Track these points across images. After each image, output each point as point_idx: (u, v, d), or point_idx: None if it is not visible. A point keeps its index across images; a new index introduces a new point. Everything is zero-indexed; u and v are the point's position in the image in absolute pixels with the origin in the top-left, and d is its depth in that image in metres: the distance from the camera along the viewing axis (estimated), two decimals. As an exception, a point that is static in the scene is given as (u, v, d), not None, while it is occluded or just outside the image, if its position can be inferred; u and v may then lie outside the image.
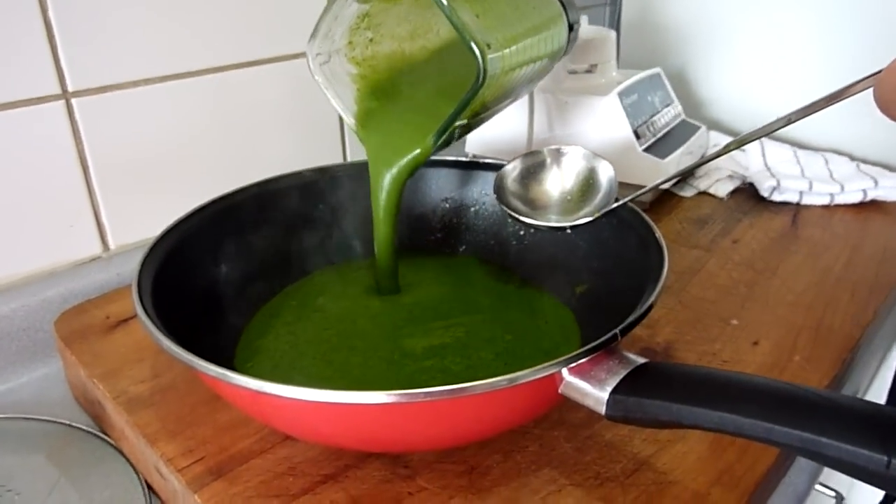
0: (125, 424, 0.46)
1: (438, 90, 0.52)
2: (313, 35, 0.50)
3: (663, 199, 0.78)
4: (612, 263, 0.52)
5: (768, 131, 0.43)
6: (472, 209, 0.63)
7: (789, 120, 0.42)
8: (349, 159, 0.78)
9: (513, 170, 0.55)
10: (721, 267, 0.64)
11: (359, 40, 0.52)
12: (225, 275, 0.52)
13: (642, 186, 0.70)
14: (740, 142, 0.46)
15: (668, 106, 0.80)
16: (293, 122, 0.72)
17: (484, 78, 0.43)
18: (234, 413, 0.45)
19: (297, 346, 0.49)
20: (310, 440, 0.42)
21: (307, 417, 0.36)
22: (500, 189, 0.54)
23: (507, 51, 0.46)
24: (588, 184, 0.53)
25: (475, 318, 0.51)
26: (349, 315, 0.52)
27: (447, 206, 0.63)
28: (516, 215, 0.52)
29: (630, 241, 0.50)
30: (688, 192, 0.80)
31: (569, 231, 0.52)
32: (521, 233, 0.60)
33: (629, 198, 0.51)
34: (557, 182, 0.54)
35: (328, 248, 0.59)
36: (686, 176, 0.81)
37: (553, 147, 0.54)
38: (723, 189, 0.78)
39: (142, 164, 0.62)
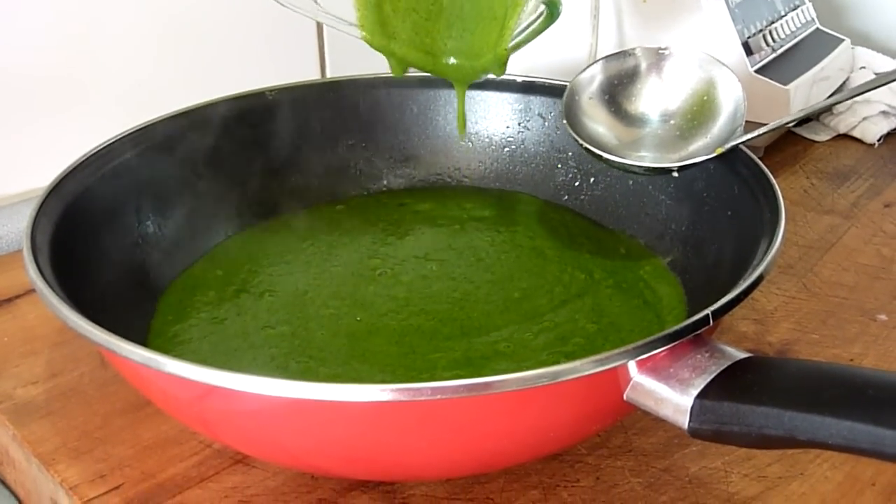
0: (10, 441, 0.48)
1: None
2: None
3: (784, 144, 0.78)
4: (709, 228, 0.53)
5: None
6: (507, 149, 0.64)
7: None
8: (329, 75, 0.80)
9: (590, 80, 0.55)
10: (866, 241, 0.65)
11: None
12: (152, 234, 0.54)
13: (755, 124, 0.72)
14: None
15: (795, 9, 0.81)
16: (252, 22, 0.73)
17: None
18: (163, 427, 0.47)
19: (234, 340, 0.50)
20: (271, 461, 0.44)
21: (270, 426, 0.38)
22: (571, 108, 0.54)
23: None
24: (703, 104, 0.53)
25: (539, 304, 0.52)
26: (323, 294, 0.54)
27: (470, 144, 0.65)
28: (596, 150, 0.53)
29: (734, 196, 0.51)
30: (821, 135, 0.81)
31: (675, 174, 0.52)
32: (577, 182, 0.62)
33: (759, 131, 0.50)
34: (657, 100, 0.54)
35: (297, 189, 0.62)
36: (819, 112, 0.82)
37: (651, 47, 0.54)
38: (872, 131, 0.79)
39: (29, 79, 0.64)
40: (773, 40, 0.76)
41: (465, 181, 0.65)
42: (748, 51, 0.72)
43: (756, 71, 0.72)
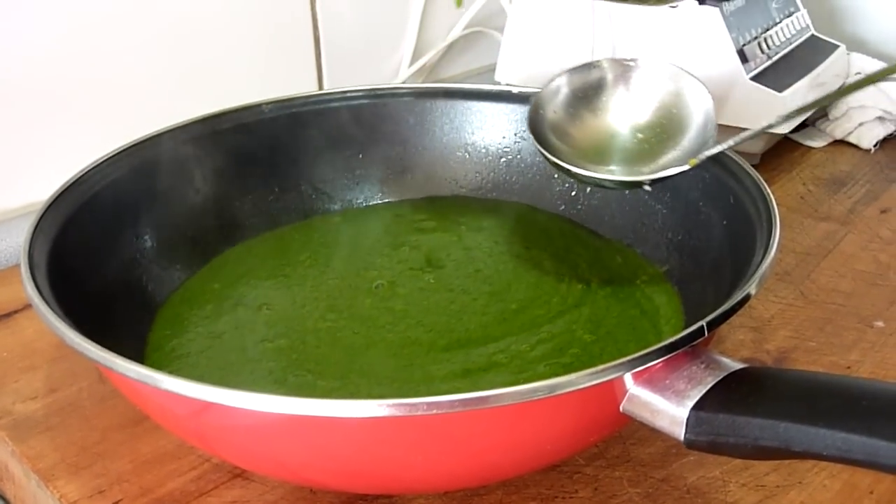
0: (9, 457, 0.48)
1: None
2: None
3: (782, 151, 0.78)
4: (704, 237, 0.54)
5: None
6: (503, 159, 0.64)
7: None
8: (326, 86, 0.80)
9: (555, 93, 0.55)
10: (863, 247, 0.65)
11: None
12: (150, 249, 0.55)
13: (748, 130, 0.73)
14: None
15: (790, 16, 0.81)
16: (249, 34, 0.73)
17: None
18: (161, 441, 0.47)
19: (232, 354, 0.50)
20: (270, 476, 0.44)
21: (267, 441, 0.38)
22: (536, 123, 0.53)
23: None
24: (672, 116, 0.53)
25: (537, 315, 0.53)
26: (320, 307, 0.54)
27: (467, 155, 0.65)
28: (562, 163, 0.52)
29: (729, 205, 0.51)
30: (818, 141, 0.81)
31: (647, 188, 0.52)
32: (573, 192, 0.62)
33: (733, 141, 0.50)
34: (625, 112, 0.54)
35: (294, 201, 0.62)
36: (815, 118, 0.82)
37: (617, 59, 0.54)
38: (869, 137, 0.79)
39: (27, 92, 0.64)
40: (768, 47, 0.76)
41: (461, 192, 0.65)
42: (743, 58, 0.72)
43: (751, 78, 0.72)
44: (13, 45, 0.62)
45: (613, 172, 0.53)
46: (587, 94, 0.55)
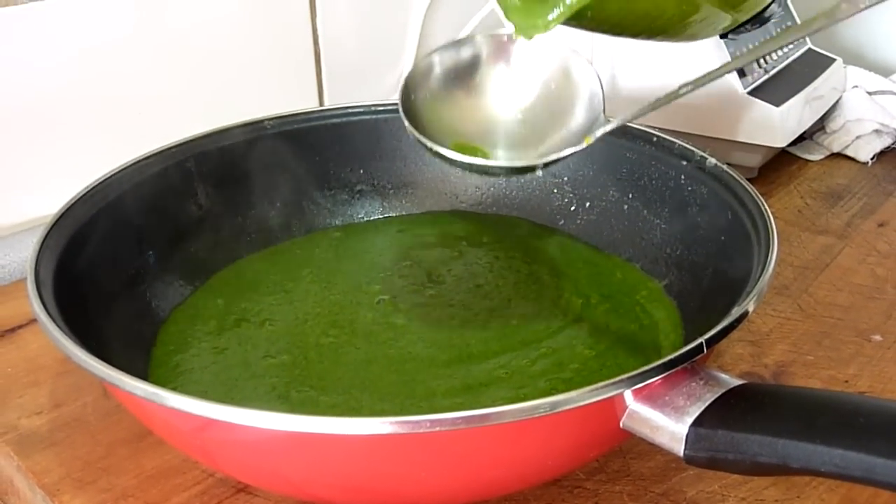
0: (14, 472, 0.48)
1: None
2: None
3: (779, 164, 0.79)
4: (703, 252, 0.54)
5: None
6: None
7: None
8: (327, 103, 0.81)
9: (425, 76, 0.49)
10: (860, 260, 0.65)
11: None
12: (153, 265, 0.55)
13: (749, 145, 0.73)
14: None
15: (787, 30, 0.81)
16: (250, 51, 0.74)
17: None
18: (166, 456, 0.47)
19: (235, 369, 0.51)
20: (273, 491, 0.44)
21: (270, 457, 0.38)
22: (409, 108, 0.48)
23: None
24: (553, 95, 0.49)
25: (536, 330, 0.53)
26: (322, 323, 0.54)
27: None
28: (442, 150, 0.46)
29: (727, 221, 0.52)
30: (815, 155, 0.81)
31: (539, 172, 0.49)
32: (573, 207, 0.62)
33: (631, 114, 0.45)
34: (504, 92, 0.49)
35: (296, 216, 0.63)
36: (813, 131, 0.82)
37: (493, 34, 0.49)
38: (866, 150, 0.80)
39: (31, 107, 0.64)
40: (766, 61, 0.76)
41: (461, 206, 0.66)
42: (741, 73, 0.73)
43: (748, 93, 0.73)
44: (16, 63, 0.63)
45: (500, 157, 0.48)
46: (460, 73, 0.50)
